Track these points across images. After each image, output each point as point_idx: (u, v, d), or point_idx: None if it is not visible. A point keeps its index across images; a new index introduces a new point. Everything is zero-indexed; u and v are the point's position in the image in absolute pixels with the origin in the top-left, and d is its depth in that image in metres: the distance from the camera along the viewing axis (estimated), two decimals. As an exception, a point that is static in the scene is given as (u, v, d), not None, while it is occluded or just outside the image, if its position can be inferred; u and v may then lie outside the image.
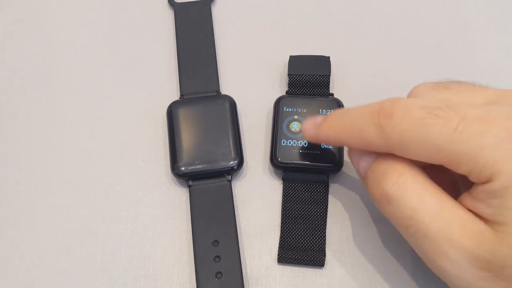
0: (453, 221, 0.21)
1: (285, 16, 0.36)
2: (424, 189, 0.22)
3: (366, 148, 0.24)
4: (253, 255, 0.28)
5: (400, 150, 0.22)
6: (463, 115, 0.21)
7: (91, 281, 0.28)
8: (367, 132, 0.23)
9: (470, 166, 0.20)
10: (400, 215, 0.22)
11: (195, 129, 0.30)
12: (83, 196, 0.30)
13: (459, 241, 0.20)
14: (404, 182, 0.22)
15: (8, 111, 0.33)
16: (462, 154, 0.20)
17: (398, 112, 0.22)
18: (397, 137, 0.22)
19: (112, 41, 0.35)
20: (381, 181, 0.23)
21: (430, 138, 0.21)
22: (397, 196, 0.22)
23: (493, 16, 0.36)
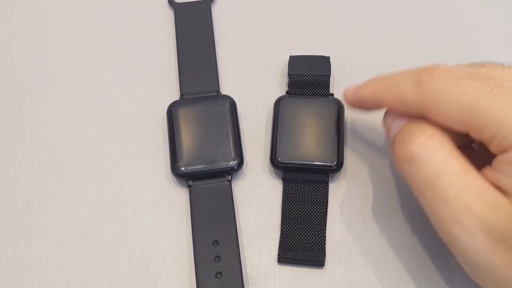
0: (474, 189, 0.21)
1: (285, 16, 0.36)
2: (450, 154, 0.22)
3: (401, 106, 0.24)
4: (253, 255, 0.29)
5: (432, 108, 0.23)
6: (500, 83, 0.21)
7: (91, 281, 0.28)
8: (405, 87, 0.23)
9: (494, 130, 0.21)
10: (421, 175, 0.22)
11: (195, 129, 0.30)
12: (83, 196, 0.30)
13: (477, 210, 0.21)
14: (431, 144, 0.22)
15: (8, 111, 0.33)
16: (490, 116, 0.21)
17: (439, 70, 0.23)
18: (433, 92, 0.22)
19: (112, 41, 0.35)
20: (407, 140, 0.23)
21: (464, 96, 0.21)
22: (421, 156, 0.22)
23: (494, 17, 0.36)
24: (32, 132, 0.32)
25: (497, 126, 0.21)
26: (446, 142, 0.23)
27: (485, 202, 0.21)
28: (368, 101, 0.26)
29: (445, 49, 0.35)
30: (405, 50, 0.35)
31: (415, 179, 0.23)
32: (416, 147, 0.22)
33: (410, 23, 0.36)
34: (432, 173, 0.22)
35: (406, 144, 0.23)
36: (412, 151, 0.22)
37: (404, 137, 0.24)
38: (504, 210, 0.20)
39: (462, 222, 0.21)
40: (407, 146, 0.23)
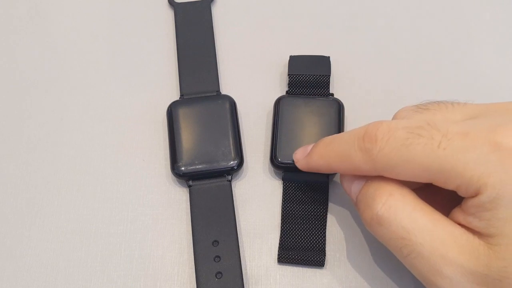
0: (447, 238, 0.21)
1: (285, 16, 0.36)
2: (415, 208, 0.22)
3: (356, 173, 0.24)
4: (253, 255, 0.28)
5: (388, 172, 0.23)
6: (445, 131, 0.21)
7: (91, 281, 0.28)
8: (354, 157, 0.23)
9: (457, 182, 0.21)
10: (392, 236, 0.22)
11: (195, 129, 0.30)
12: (83, 196, 0.30)
13: (454, 258, 0.21)
14: (394, 202, 0.22)
15: (8, 110, 0.33)
16: (448, 171, 0.21)
17: (381, 135, 0.22)
18: (384, 159, 0.22)
19: (112, 41, 0.35)
20: (370, 203, 0.23)
21: (415, 157, 0.21)
22: (388, 217, 0.22)
23: (494, 19, 0.36)
24: (32, 132, 0.32)
25: (458, 177, 0.20)
26: (407, 196, 0.22)
27: (461, 249, 0.21)
28: (322, 170, 0.26)
29: (444, 49, 0.35)
30: (405, 50, 0.35)
31: (388, 239, 0.22)
32: (380, 208, 0.22)
33: (410, 23, 0.36)
34: (403, 231, 0.22)
35: (370, 207, 0.23)
36: (378, 213, 0.22)
37: (366, 199, 0.23)
38: (481, 252, 0.20)
39: (443, 272, 0.21)
40: (371, 209, 0.23)
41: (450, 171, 0.21)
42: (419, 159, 0.21)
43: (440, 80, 0.33)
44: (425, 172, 0.21)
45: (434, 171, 0.21)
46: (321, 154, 0.26)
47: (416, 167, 0.21)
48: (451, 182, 0.21)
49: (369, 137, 0.23)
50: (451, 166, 0.21)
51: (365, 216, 0.23)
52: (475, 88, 0.33)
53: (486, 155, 0.20)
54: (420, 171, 0.21)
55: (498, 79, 0.33)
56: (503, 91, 0.33)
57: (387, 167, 0.22)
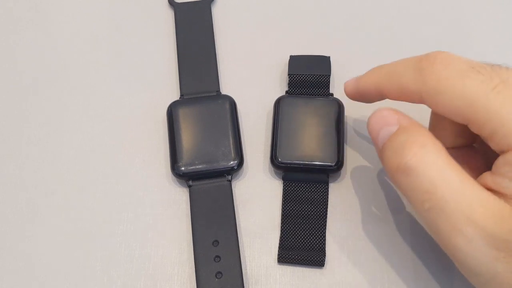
0: (473, 198, 0.21)
1: (285, 16, 0.36)
2: (446, 164, 0.21)
3: (401, 93, 0.24)
4: (253, 255, 0.28)
5: (432, 97, 0.22)
6: (505, 79, 0.21)
7: (91, 281, 0.28)
8: (406, 75, 0.23)
9: (495, 128, 0.21)
10: (418, 187, 0.21)
11: (195, 129, 0.30)
12: (83, 196, 0.30)
13: (477, 219, 0.20)
14: (426, 154, 0.21)
15: (9, 111, 0.33)
16: (492, 113, 0.20)
17: (441, 60, 0.22)
18: (434, 82, 0.22)
19: (112, 41, 0.35)
20: (400, 151, 0.22)
21: (466, 90, 0.21)
22: (416, 168, 0.21)
23: (495, 20, 0.36)
24: (32, 132, 0.32)
25: (498, 123, 0.20)
26: (440, 151, 0.22)
27: (486, 211, 0.20)
28: (369, 92, 0.26)
29: (444, 49, 0.34)
30: (405, 50, 0.34)
31: (412, 191, 0.22)
32: (410, 158, 0.22)
33: (410, 23, 0.36)
34: (430, 185, 0.21)
35: (399, 155, 0.22)
36: (407, 162, 0.22)
37: (395, 146, 0.23)
38: (506, 217, 0.20)
39: (463, 232, 0.20)
40: (400, 157, 0.22)
41: (493, 114, 0.20)
42: (470, 93, 0.21)
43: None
44: (469, 108, 0.21)
45: (478, 108, 0.21)
46: (373, 73, 0.25)
47: (462, 100, 0.21)
48: (488, 126, 0.21)
49: (428, 59, 0.22)
50: (497, 110, 0.20)
51: (391, 163, 0.22)
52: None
53: None
54: (465, 106, 0.21)
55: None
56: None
57: (435, 91, 0.22)
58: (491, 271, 0.20)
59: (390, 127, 0.23)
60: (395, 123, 0.23)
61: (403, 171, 0.22)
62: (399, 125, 0.23)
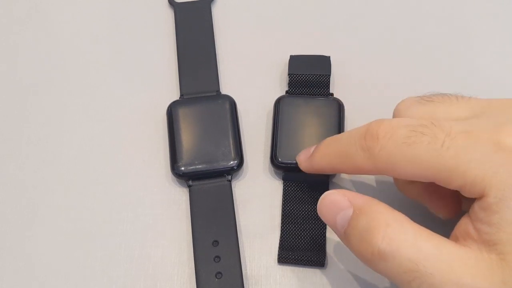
0: (456, 262, 0.20)
1: (285, 16, 0.36)
2: (415, 235, 0.21)
3: (358, 172, 0.24)
4: (253, 255, 0.28)
5: (389, 171, 0.22)
6: (448, 131, 0.21)
7: (91, 281, 0.28)
8: (356, 156, 0.23)
9: (460, 182, 0.20)
10: (399, 270, 0.20)
11: (195, 129, 0.30)
12: (83, 196, 0.30)
13: (468, 282, 0.19)
14: (394, 233, 0.21)
15: (9, 111, 0.33)
16: (451, 170, 0.20)
17: (383, 133, 0.22)
18: (385, 158, 0.22)
19: (112, 41, 0.35)
20: (367, 237, 0.21)
21: (417, 156, 0.21)
22: (390, 251, 0.20)
23: (494, 18, 0.36)
24: (32, 132, 0.32)
25: (462, 178, 0.20)
26: (405, 224, 0.21)
27: (473, 270, 0.20)
28: (325, 171, 0.26)
29: (444, 49, 0.35)
30: (405, 50, 0.35)
31: (395, 275, 0.21)
32: (381, 243, 0.21)
33: (411, 23, 0.36)
34: (410, 263, 0.20)
35: (368, 242, 0.21)
36: (379, 248, 0.21)
37: (359, 233, 0.22)
38: (495, 268, 0.19)
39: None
40: (370, 244, 0.21)
41: (453, 171, 0.20)
42: (422, 158, 0.21)
43: (441, 80, 0.33)
44: (427, 171, 0.21)
45: (437, 170, 0.21)
46: (322, 154, 0.25)
47: (419, 166, 0.21)
48: (454, 181, 0.21)
49: (371, 136, 0.22)
50: (454, 166, 0.20)
51: (362, 252, 0.22)
52: (476, 88, 0.33)
53: (490, 154, 0.20)
54: (423, 170, 0.21)
55: (500, 79, 0.33)
56: (503, 91, 0.33)
57: (389, 165, 0.22)
58: None
59: (345, 211, 0.23)
60: (348, 205, 0.23)
61: (378, 257, 0.21)
62: (353, 207, 0.23)
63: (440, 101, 0.24)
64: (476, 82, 0.33)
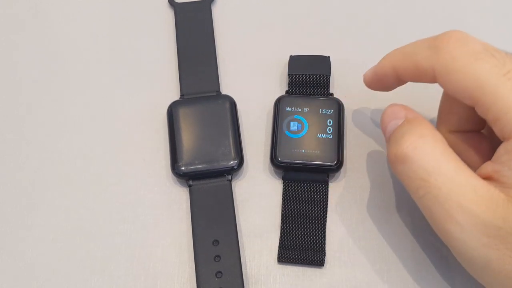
0: (466, 187, 0.21)
1: (285, 16, 0.36)
2: (442, 153, 0.22)
3: (415, 72, 0.24)
4: (253, 255, 0.28)
5: (444, 75, 0.22)
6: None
7: (91, 281, 0.28)
8: (420, 53, 0.23)
9: (499, 113, 0.21)
10: (413, 175, 0.22)
11: (195, 129, 0.30)
12: (83, 196, 0.30)
13: (469, 207, 0.21)
14: (423, 144, 0.22)
15: (9, 111, 0.33)
16: (499, 98, 0.21)
17: (456, 39, 0.22)
18: (447, 61, 0.22)
19: (112, 41, 0.35)
20: (400, 140, 0.23)
21: (477, 71, 0.21)
22: (412, 156, 0.22)
23: (495, 19, 0.36)
24: (31, 132, 0.32)
25: (503, 109, 0.21)
26: (438, 141, 0.23)
27: (479, 199, 0.21)
28: (386, 74, 0.26)
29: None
30: (405, 50, 0.35)
31: (408, 178, 0.23)
32: (407, 146, 0.22)
33: (410, 23, 0.36)
34: (424, 173, 0.22)
35: (398, 144, 0.23)
36: (403, 150, 0.22)
37: (396, 136, 0.24)
38: (499, 205, 0.20)
39: (456, 219, 0.21)
40: (398, 146, 0.23)
41: (500, 99, 0.21)
42: (481, 75, 0.21)
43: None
44: (477, 89, 0.21)
45: (486, 92, 0.21)
46: (388, 55, 0.26)
47: (472, 81, 0.21)
48: (494, 111, 0.21)
49: (443, 37, 0.23)
50: (504, 95, 0.21)
51: (390, 151, 0.23)
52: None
53: None
54: (474, 87, 0.21)
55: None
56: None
57: (447, 70, 0.22)
58: (483, 258, 0.21)
59: (398, 120, 0.25)
60: (402, 116, 0.25)
61: (401, 159, 0.23)
62: (405, 118, 0.24)
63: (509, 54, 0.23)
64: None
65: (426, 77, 0.24)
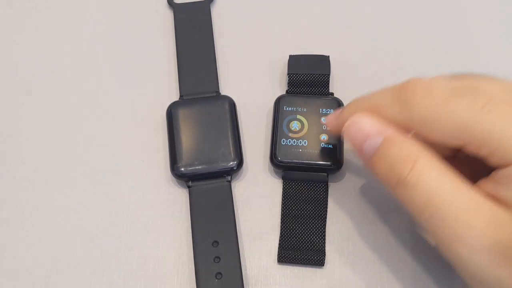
0: (472, 206, 0.21)
1: (285, 15, 0.36)
2: (441, 173, 0.21)
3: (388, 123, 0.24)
4: (253, 256, 0.28)
5: (423, 126, 0.22)
6: (490, 96, 0.21)
7: (90, 281, 0.28)
8: (389, 109, 0.23)
9: (493, 147, 0.20)
10: (416, 199, 0.22)
11: (195, 129, 0.30)
12: (83, 196, 0.30)
13: (478, 227, 0.20)
14: (421, 167, 0.22)
15: (9, 111, 0.33)
16: (487, 134, 0.20)
17: (422, 88, 0.22)
18: (420, 112, 0.22)
19: (111, 42, 0.35)
20: (395, 166, 0.22)
21: (454, 116, 0.21)
22: (414, 182, 0.21)
23: (495, 19, 0.36)
24: (31, 132, 0.32)
25: (496, 143, 0.20)
26: (434, 160, 0.22)
27: (486, 218, 0.20)
28: None
29: (444, 49, 0.34)
30: (405, 49, 0.34)
31: (411, 203, 0.22)
32: (408, 173, 0.22)
33: (410, 23, 0.35)
34: (427, 196, 0.21)
35: (396, 171, 0.22)
36: (405, 177, 0.22)
37: (389, 160, 0.23)
38: (506, 224, 0.20)
39: (464, 239, 0.20)
40: (397, 172, 0.22)
41: (489, 135, 0.20)
42: (458, 119, 0.21)
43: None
44: (461, 133, 0.21)
45: (471, 132, 0.21)
46: (353, 108, 0.25)
47: (454, 126, 0.21)
48: (486, 147, 0.21)
49: (408, 89, 0.22)
50: (491, 130, 0.20)
51: (389, 179, 0.22)
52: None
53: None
54: (457, 131, 0.21)
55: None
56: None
57: (424, 121, 0.22)
58: (494, 277, 0.20)
59: (374, 139, 0.23)
60: (376, 133, 0.23)
61: (402, 186, 0.22)
62: (383, 137, 0.23)
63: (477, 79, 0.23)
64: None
65: (402, 126, 0.23)
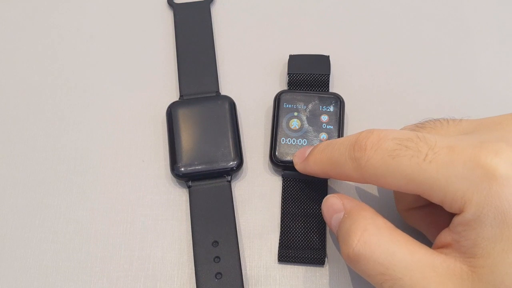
0: (426, 269, 0.21)
1: (285, 15, 0.36)
2: (391, 241, 0.22)
3: (348, 180, 0.25)
4: (253, 256, 0.28)
5: (375, 181, 0.23)
6: (432, 145, 0.21)
7: (90, 282, 0.28)
8: (345, 165, 0.24)
9: (441, 197, 0.21)
10: (371, 272, 0.22)
11: (195, 130, 0.30)
12: (82, 197, 0.30)
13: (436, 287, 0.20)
14: (369, 238, 0.22)
15: (9, 111, 0.33)
16: (432, 184, 0.21)
17: (371, 145, 0.22)
18: (371, 169, 0.22)
19: (111, 42, 0.35)
20: (347, 239, 0.23)
21: (400, 169, 0.21)
22: (364, 254, 0.22)
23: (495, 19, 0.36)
24: (31, 132, 0.32)
25: (442, 192, 0.20)
26: (382, 229, 0.22)
27: (442, 278, 0.20)
28: (319, 175, 0.27)
29: (444, 48, 0.34)
30: (405, 49, 0.34)
31: (368, 276, 0.22)
32: (356, 245, 0.22)
33: (410, 22, 0.35)
34: (381, 267, 0.21)
35: (347, 244, 0.22)
36: (354, 250, 0.22)
37: (343, 235, 0.23)
38: (465, 278, 0.20)
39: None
40: (348, 246, 0.22)
41: (434, 185, 0.21)
42: (405, 171, 0.21)
43: (440, 79, 0.33)
44: (410, 184, 0.21)
45: (418, 183, 0.21)
46: (315, 160, 0.26)
47: (402, 178, 0.21)
48: (435, 195, 0.21)
49: (359, 146, 0.23)
50: (435, 180, 0.20)
51: (343, 252, 0.23)
52: (474, 85, 0.33)
53: (471, 171, 0.20)
54: (406, 183, 0.21)
55: (498, 77, 0.33)
56: (502, 91, 0.33)
57: (375, 176, 0.22)
58: None
59: (338, 214, 0.24)
60: (341, 209, 0.24)
61: (354, 258, 0.22)
62: (344, 210, 0.24)
63: (432, 126, 0.24)
64: (476, 82, 0.33)
65: (360, 182, 0.24)
